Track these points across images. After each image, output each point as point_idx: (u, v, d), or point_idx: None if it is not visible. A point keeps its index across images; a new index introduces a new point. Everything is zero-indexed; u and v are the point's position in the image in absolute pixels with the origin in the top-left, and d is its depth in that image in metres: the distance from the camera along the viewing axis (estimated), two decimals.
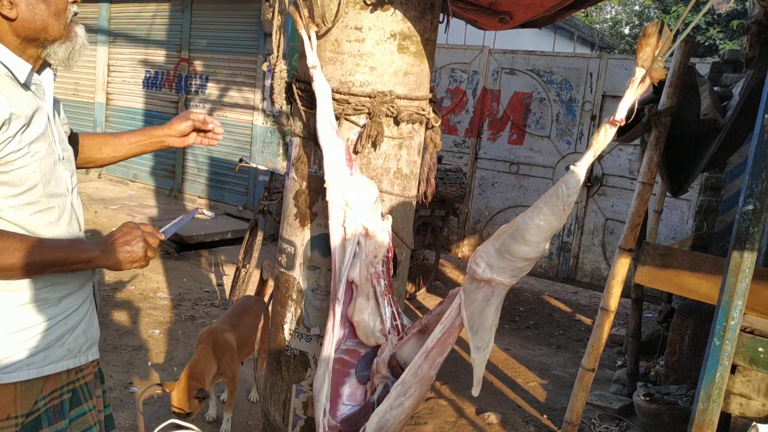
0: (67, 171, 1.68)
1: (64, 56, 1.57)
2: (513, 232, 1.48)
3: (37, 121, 1.55)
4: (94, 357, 1.80)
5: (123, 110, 9.99)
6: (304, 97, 2.02)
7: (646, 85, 1.34)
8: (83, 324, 1.72)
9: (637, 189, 3.41)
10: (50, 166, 1.59)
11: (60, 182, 1.63)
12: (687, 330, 4.24)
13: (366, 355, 1.93)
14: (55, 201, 1.61)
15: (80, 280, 1.70)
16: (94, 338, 1.78)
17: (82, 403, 1.75)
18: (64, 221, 1.64)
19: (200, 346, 3.36)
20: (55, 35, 1.54)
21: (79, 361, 1.71)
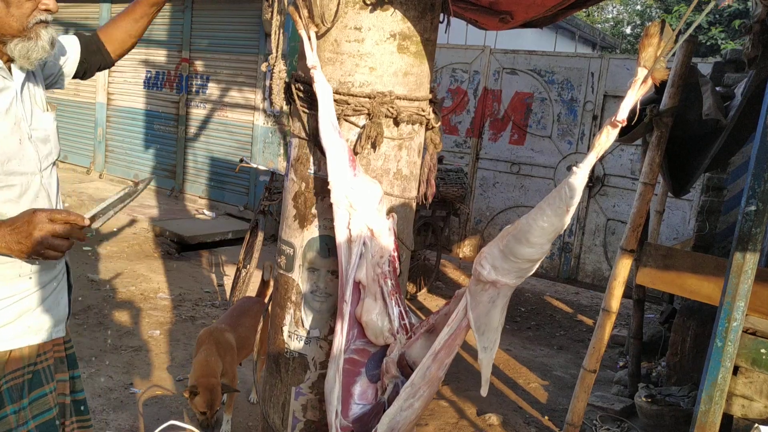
0: (38, 151, 1.70)
1: (21, 53, 1.61)
2: (517, 233, 1.47)
3: (1, 99, 1.61)
4: (59, 335, 1.82)
5: (124, 110, 9.98)
6: (304, 97, 2.01)
7: (648, 86, 1.33)
8: (47, 302, 1.75)
9: (639, 189, 3.40)
10: (13, 144, 1.62)
11: (26, 161, 1.65)
12: (689, 331, 4.22)
13: (375, 354, 1.93)
14: (17, 179, 1.63)
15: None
16: (59, 317, 1.81)
17: (43, 384, 1.77)
18: (27, 199, 1.66)
19: (204, 346, 3.35)
20: (11, 33, 1.59)
21: (40, 337, 1.74)
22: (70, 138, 10.69)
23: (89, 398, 3.69)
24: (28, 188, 1.67)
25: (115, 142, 10.16)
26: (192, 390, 3.10)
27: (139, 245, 7.00)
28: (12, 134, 1.62)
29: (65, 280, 1.84)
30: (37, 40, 1.61)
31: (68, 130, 10.77)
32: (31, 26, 1.60)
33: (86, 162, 10.39)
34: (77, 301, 5.16)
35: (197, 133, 9.01)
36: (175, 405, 3.80)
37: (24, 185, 1.65)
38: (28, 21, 1.59)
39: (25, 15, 1.58)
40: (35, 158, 1.69)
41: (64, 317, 1.84)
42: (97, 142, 10.32)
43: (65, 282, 1.84)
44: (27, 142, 1.67)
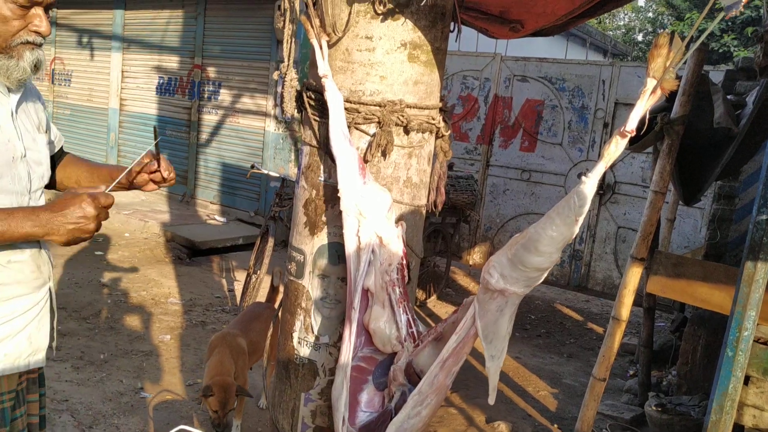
0: (33, 171, 1.66)
1: (0, 70, 1.54)
2: (526, 242, 1.48)
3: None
4: (38, 365, 1.72)
5: (136, 116, 10.06)
6: (315, 105, 2.03)
7: (657, 96, 1.34)
8: (28, 329, 1.66)
9: (650, 198, 3.39)
10: (5, 162, 1.56)
11: (17, 180, 1.60)
12: (700, 340, 4.20)
13: (383, 362, 1.93)
14: (6, 199, 1.57)
15: (30, 283, 1.65)
16: (39, 345, 1.71)
17: (16, 408, 1.71)
18: None
19: (217, 350, 3.38)
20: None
21: (17, 367, 1.65)
22: (82, 142, 10.79)
23: (100, 402, 3.73)
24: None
25: (127, 147, 10.24)
26: (206, 391, 3.12)
27: (151, 250, 7.04)
28: (6, 152, 1.56)
29: (48, 306, 1.74)
30: (19, 60, 1.54)
31: (81, 134, 10.87)
32: (15, 45, 1.53)
33: None
34: (89, 305, 5.20)
35: (209, 139, 9.07)
36: (185, 409, 3.82)
37: (14, 205, 1.58)
38: (12, 39, 1.52)
39: (10, 33, 1.51)
40: (26, 178, 1.63)
41: (45, 345, 1.74)
42: (109, 147, 10.41)
43: (48, 308, 1.74)
44: (19, 161, 1.60)
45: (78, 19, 10.73)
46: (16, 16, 1.50)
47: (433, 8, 1.97)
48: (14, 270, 1.60)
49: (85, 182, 1.92)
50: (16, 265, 1.60)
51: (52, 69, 11.31)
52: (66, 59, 11.12)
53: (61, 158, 1.96)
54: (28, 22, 1.53)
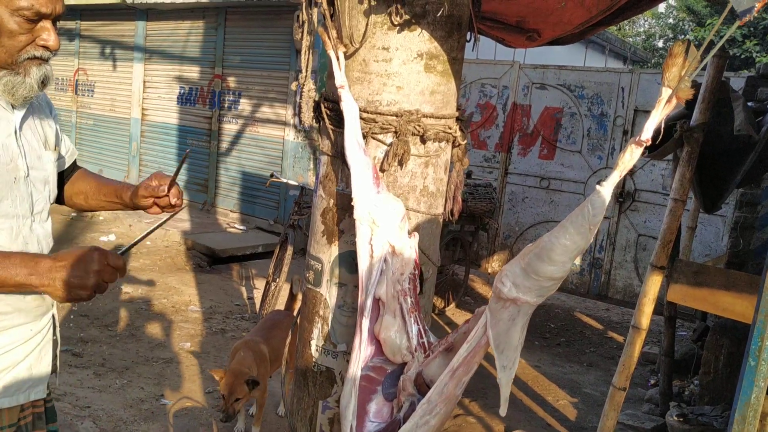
0: (31, 193, 1.55)
1: (5, 87, 1.46)
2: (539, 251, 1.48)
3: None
4: (38, 396, 1.62)
5: (158, 125, 10.19)
6: (332, 115, 2.05)
7: (672, 106, 1.34)
8: (29, 360, 1.57)
9: (670, 205, 3.36)
10: (7, 183, 1.47)
11: (18, 202, 1.50)
12: (722, 349, 4.15)
13: (392, 372, 1.93)
14: (8, 223, 1.47)
15: (32, 311, 1.56)
16: (40, 376, 1.61)
17: None
18: (17, 246, 1.50)
19: (240, 352, 3.44)
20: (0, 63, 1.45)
21: (17, 400, 1.55)
22: (105, 152, 10.95)
23: (121, 409, 3.77)
24: (19, 234, 1.51)
25: (149, 156, 10.37)
26: (218, 374, 3.20)
27: (171, 258, 7.11)
28: (7, 172, 1.47)
29: (51, 335, 1.65)
30: (25, 77, 1.46)
31: (104, 144, 11.03)
32: (22, 61, 1.45)
33: (120, 176, 10.61)
34: (110, 313, 5.27)
35: (229, 148, 9.15)
36: (204, 416, 3.85)
37: (14, 231, 1.49)
38: (18, 55, 1.44)
39: (16, 48, 1.43)
40: (28, 200, 1.53)
41: (46, 376, 1.65)
42: (131, 156, 10.54)
43: (50, 336, 1.65)
44: (21, 182, 1.51)
45: (101, 31, 10.91)
46: (23, 30, 1.42)
47: (449, 19, 1.99)
48: (15, 297, 1.50)
49: (92, 198, 1.85)
50: (17, 294, 1.50)
51: (75, 80, 11.50)
52: (89, 70, 11.30)
53: (72, 173, 1.89)
54: (36, 36, 1.45)
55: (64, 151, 1.80)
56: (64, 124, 11.53)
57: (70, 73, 11.56)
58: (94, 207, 1.90)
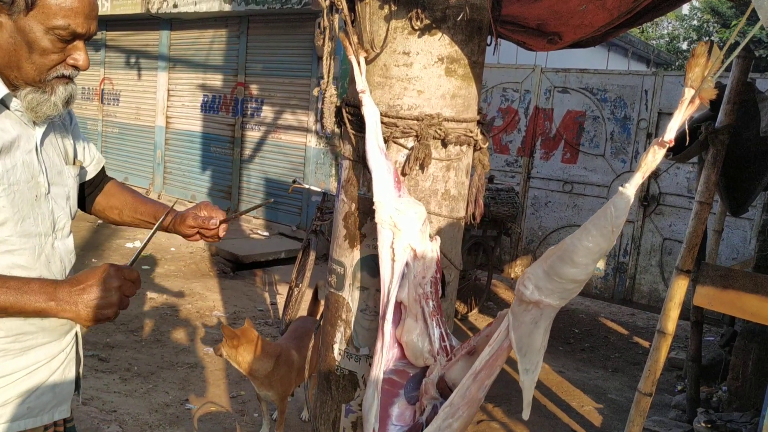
0: (53, 210, 1.52)
1: (29, 104, 1.41)
2: (561, 254, 1.47)
3: (18, 149, 1.42)
4: (62, 416, 1.59)
5: (182, 133, 10.31)
6: (354, 120, 2.06)
7: (695, 106, 1.33)
8: (53, 379, 1.54)
9: (695, 209, 3.33)
10: (28, 202, 1.43)
11: (40, 220, 1.47)
12: (751, 354, 4.08)
13: (415, 376, 1.93)
14: (31, 241, 1.44)
15: (56, 330, 1.53)
16: (64, 396, 1.59)
17: None
18: (41, 264, 1.47)
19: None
20: (27, 80, 1.39)
21: (41, 420, 1.53)
22: (130, 160, 11.10)
23: (147, 413, 3.81)
24: (42, 252, 1.47)
25: (173, 163, 10.49)
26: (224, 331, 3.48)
27: (196, 264, 7.19)
28: (29, 189, 1.43)
29: (74, 352, 1.62)
30: (51, 95, 1.41)
31: (129, 152, 11.19)
32: (50, 79, 1.40)
33: (145, 183, 10.75)
34: (136, 318, 5.33)
35: (252, 154, 9.23)
36: (229, 421, 3.87)
37: (37, 250, 1.46)
38: (47, 74, 1.40)
39: (46, 67, 1.39)
40: (49, 217, 1.50)
41: (70, 395, 1.61)
42: (156, 163, 10.68)
43: (74, 354, 1.62)
44: (43, 199, 1.48)
45: (126, 41, 11.09)
46: (56, 49, 1.38)
47: (470, 23, 1.99)
48: (40, 317, 1.45)
49: (127, 215, 1.83)
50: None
51: (101, 89, 11.69)
52: (114, 79, 11.48)
53: (102, 183, 1.86)
54: (67, 55, 1.41)
55: (88, 161, 1.77)
56: (90, 133, 11.72)
57: (96, 83, 11.75)
58: (127, 223, 1.87)
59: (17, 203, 1.40)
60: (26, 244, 1.43)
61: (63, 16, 1.34)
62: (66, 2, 1.34)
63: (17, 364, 1.46)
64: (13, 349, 1.44)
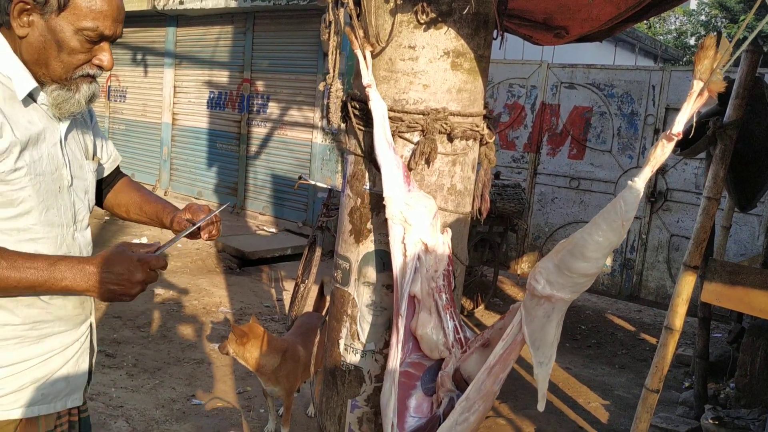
0: (74, 202, 1.58)
1: (54, 100, 1.48)
2: (572, 248, 1.47)
3: (44, 141, 1.49)
4: (74, 404, 1.65)
5: (188, 130, 10.33)
6: (359, 115, 2.05)
7: (704, 99, 1.31)
8: (66, 368, 1.59)
9: (703, 204, 3.31)
10: (53, 193, 1.49)
11: (62, 211, 1.53)
12: (759, 351, 4.06)
13: (431, 368, 1.94)
14: (52, 231, 1.50)
15: (71, 320, 1.59)
16: (77, 384, 1.64)
17: None
18: (61, 254, 1.51)
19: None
20: (54, 77, 1.46)
21: (54, 407, 1.58)
22: (136, 157, 11.12)
23: (153, 409, 3.82)
24: (63, 242, 1.53)
25: (179, 160, 10.51)
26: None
27: (202, 260, 7.20)
28: (53, 181, 1.49)
29: (88, 342, 1.68)
30: (75, 93, 1.48)
31: (135, 149, 11.21)
32: (75, 78, 1.47)
33: (152, 180, 10.77)
34: (143, 314, 5.35)
35: (258, 151, 9.24)
36: (235, 417, 3.88)
37: (59, 239, 1.52)
38: (73, 72, 1.47)
39: (73, 65, 1.46)
40: (71, 209, 1.56)
41: (83, 385, 1.67)
42: (162, 160, 10.70)
43: (88, 344, 1.68)
44: (65, 191, 1.54)
45: (132, 38, 11.10)
46: (84, 49, 1.45)
47: (476, 16, 1.98)
48: (56, 306, 1.53)
49: (133, 213, 1.89)
50: (58, 301, 1.54)
51: (108, 86, 11.72)
52: (121, 76, 11.51)
53: (116, 179, 1.92)
54: (93, 55, 1.48)
55: (105, 158, 1.84)
56: None
57: (102, 80, 11.78)
58: (134, 220, 1.93)
59: (42, 193, 1.46)
60: (49, 234, 1.49)
61: (92, 19, 1.42)
62: (95, 5, 1.42)
63: (33, 351, 1.51)
64: (29, 336, 1.49)
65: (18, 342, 1.48)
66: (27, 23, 1.40)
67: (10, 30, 1.41)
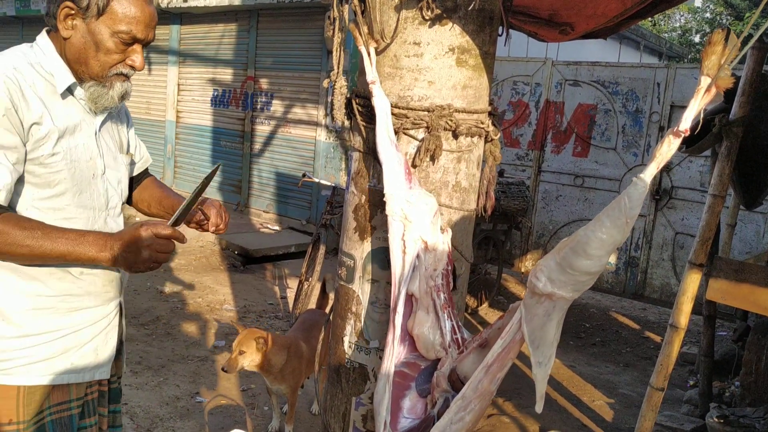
0: (107, 189, 1.73)
1: (91, 95, 1.66)
2: (574, 245, 1.45)
3: (80, 132, 1.66)
4: (102, 377, 1.78)
5: (192, 128, 10.33)
6: (364, 112, 2.05)
7: (711, 95, 1.30)
8: (95, 342, 1.73)
9: (708, 202, 3.29)
10: (86, 178, 1.66)
11: (95, 196, 1.69)
12: (764, 349, 4.04)
13: (426, 368, 1.93)
14: (85, 213, 1.66)
15: (101, 296, 1.72)
16: (105, 358, 1.77)
17: (85, 417, 1.78)
18: None
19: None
20: (91, 74, 1.63)
21: (82, 378, 1.72)
22: None
23: (158, 406, 3.82)
24: (94, 225, 1.68)
25: (183, 158, 10.51)
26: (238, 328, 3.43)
27: (206, 258, 7.20)
28: (87, 168, 1.66)
29: (117, 319, 1.82)
30: (110, 90, 1.66)
31: None
32: (110, 75, 1.65)
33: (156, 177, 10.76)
34: (147, 311, 5.35)
35: (262, 149, 9.23)
36: (239, 414, 3.88)
37: (90, 221, 1.68)
38: (109, 70, 1.64)
39: (109, 65, 1.63)
40: (104, 195, 1.72)
41: (111, 359, 1.80)
42: (166, 158, 10.71)
43: (117, 321, 1.82)
44: (99, 178, 1.70)
45: None
46: (119, 50, 1.62)
47: (481, 12, 1.97)
48: (86, 282, 1.67)
49: (154, 208, 2.03)
50: (88, 277, 1.68)
51: None
52: None
53: (143, 178, 2.07)
54: (127, 56, 1.65)
55: (138, 157, 2.00)
56: None
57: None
58: (154, 215, 2.06)
59: (76, 178, 1.62)
60: (81, 215, 1.65)
61: (127, 23, 1.60)
62: (131, 12, 1.60)
63: (63, 322, 1.65)
64: (60, 307, 1.64)
65: (50, 312, 1.62)
66: (71, 26, 1.59)
67: (57, 33, 1.61)
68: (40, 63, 1.60)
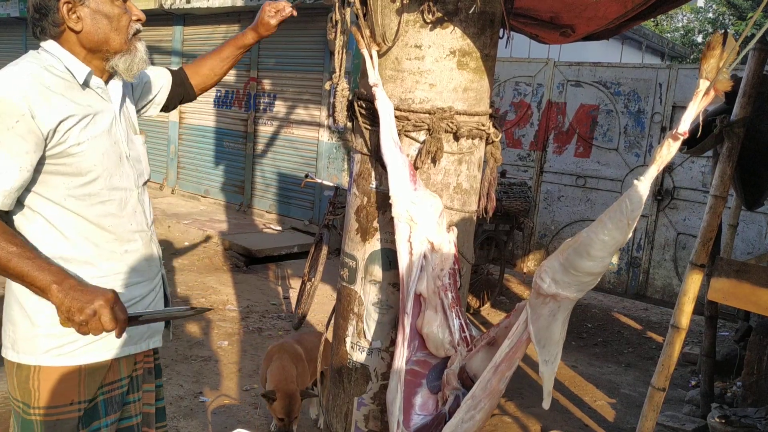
0: (134, 169, 1.83)
1: (124, 67, 1.73)
2: (577, 247, 1.47)
3: (102, 119, 1.73)
4: (156, 345, 1.92)
5: (195, 128, 10.35)
6: (366, 114, 2.06)
7: (710, 98, 1.32)
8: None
9: (710, 202, 3.30)
10: (114, 162, 1.74)
11: (125, 177, 1.78)
12: (766, 350, 4.05)
13: (436, 366, 1.95)
14: (117, 194, 1.75)
15: (145, 272, 1.84)
16: (156, 328, 1.90)
17: (130, 393, 1.88)
18: (128, 213, 1.78)
19: (277, 356, 3.46)
20: (116, 48, 1.71)
21: (139, 347, 1.84)
22: None
23: None
24: (127, 203, 1.78)
25: (186, 159, 10.54)
26: (269, 395, 3.18)
27: (209, 258, 7.22)
28: (113, 153, 1.74)
29: (162, 292, 1.95)
30: (136, 53, 1.74)
31: None
32: (130, 38, 1.72)
33: (159, 178, 10.81)
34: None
35: (264, 149, 9.25)
36: (242, 414, 3.90)
37: (123, 200, 1.77)
38: (128, 34, 1.72)
39: (125, 28, 1.71)
40: (133, 175, 1.81)
41: (161, 328, 1.95)
42: (169, 159, 10.73)
43: (162, 293, 1.95)
44: (125, 160, 1.79)
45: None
46: (123, 10, 1.71)
47: (482, 15, 1.99)
48: (131, 259, 1.79)
49: (218, 67, 2.18)
50: (131, 255, 1.79)
51: None
52: None
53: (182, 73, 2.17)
54: (131, 13, 1.73)
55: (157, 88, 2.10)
56: None
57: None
58: (225, 71, 2.23)
59: (105, 164, 1.71)
60: (114, 196, 1.74)
61: None
62: None
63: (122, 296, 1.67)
64: (114, 285, 1.71)
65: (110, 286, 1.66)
66: (77, 18, 1.65)
67: (64, 35, 1.67)
68: (53, 65, 1.66)
